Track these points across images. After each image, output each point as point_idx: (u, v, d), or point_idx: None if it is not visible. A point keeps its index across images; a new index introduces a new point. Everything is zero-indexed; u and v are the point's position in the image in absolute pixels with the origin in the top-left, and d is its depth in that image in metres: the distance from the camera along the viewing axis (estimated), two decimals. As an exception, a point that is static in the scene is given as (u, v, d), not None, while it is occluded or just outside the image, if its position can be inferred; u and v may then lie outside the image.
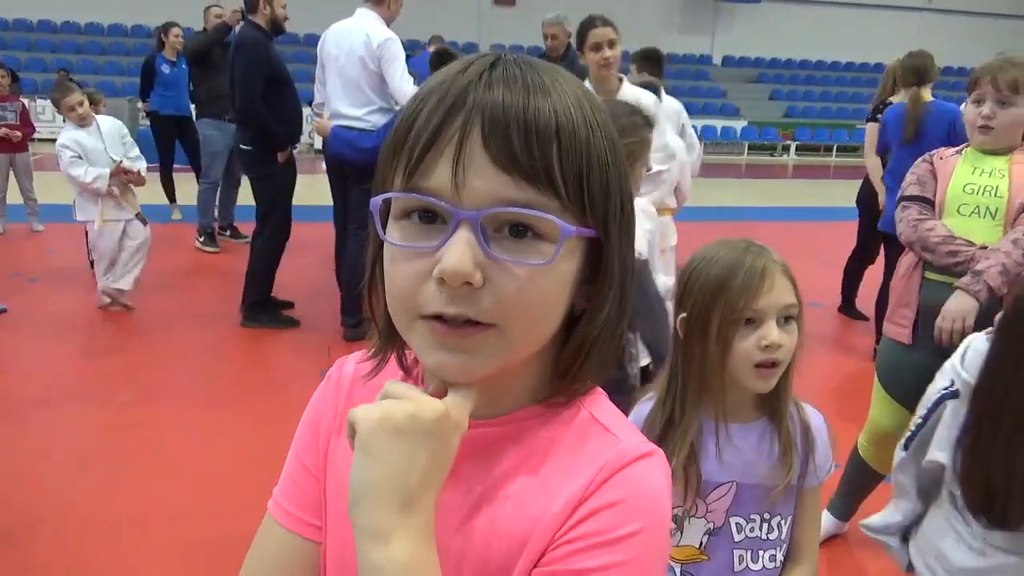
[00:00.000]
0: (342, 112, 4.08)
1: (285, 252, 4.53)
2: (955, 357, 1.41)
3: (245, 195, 5.03)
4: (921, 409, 1.45)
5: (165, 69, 6.58)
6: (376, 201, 0.57)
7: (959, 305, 2.03)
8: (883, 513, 1.58)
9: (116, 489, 2.70)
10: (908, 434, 1.48)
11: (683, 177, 4.23)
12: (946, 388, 1.38)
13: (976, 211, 2.11)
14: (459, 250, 0.52)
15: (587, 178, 0.55)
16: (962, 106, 2.27)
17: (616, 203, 0.58)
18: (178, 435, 3.02)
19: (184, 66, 6.43)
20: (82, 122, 4.40)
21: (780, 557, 1.28)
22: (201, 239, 6.21)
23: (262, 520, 0.73)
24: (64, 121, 4.48)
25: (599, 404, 0.64)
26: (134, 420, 3.22)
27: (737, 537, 1.26)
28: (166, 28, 6.63)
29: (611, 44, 3.06)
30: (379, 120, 4.05)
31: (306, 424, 0.73)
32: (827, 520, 2.57)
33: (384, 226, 0.58)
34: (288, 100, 4.38)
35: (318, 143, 4.81)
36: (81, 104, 4.37)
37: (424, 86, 0.57)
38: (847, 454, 2.53)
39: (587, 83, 4.13)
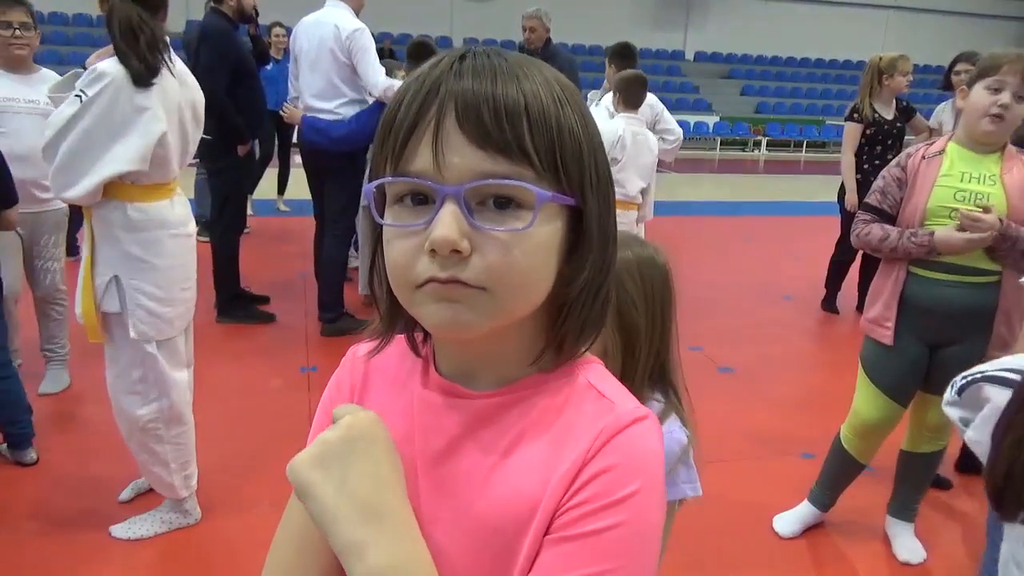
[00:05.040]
0: (314, 106, 4.06)
1: (259, 246, 4.48)
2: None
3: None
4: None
5: (268, 66, 6.38)
6: (368, 188, 0.61)
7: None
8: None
9: (89, 488, 2.66)
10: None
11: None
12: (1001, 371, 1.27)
13: None
14: (446, 221, 0.56)
15: (559, 149, 0.59)
16: (952, 101, 2.19)
17: (591, 172, 0.62)
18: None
19: (288, 64, 6.38)
20: None
21: None
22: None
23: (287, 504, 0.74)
24: None
25: (595, 371, 0.68)
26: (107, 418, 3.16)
27: None
28: (268, 28, 6.69)
29: None
30: (350, 113, 4.02)
31: (325, 412, 0.75)
32: (808, 510, 2.60)
33: (382, 213, 0.63)
34: (252, 92, 4.32)
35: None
36: None
37: (404, 83, 0.62)
38: (827, 445, 2.57)
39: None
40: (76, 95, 2.03)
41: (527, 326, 0.64)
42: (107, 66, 2.05)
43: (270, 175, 6.75)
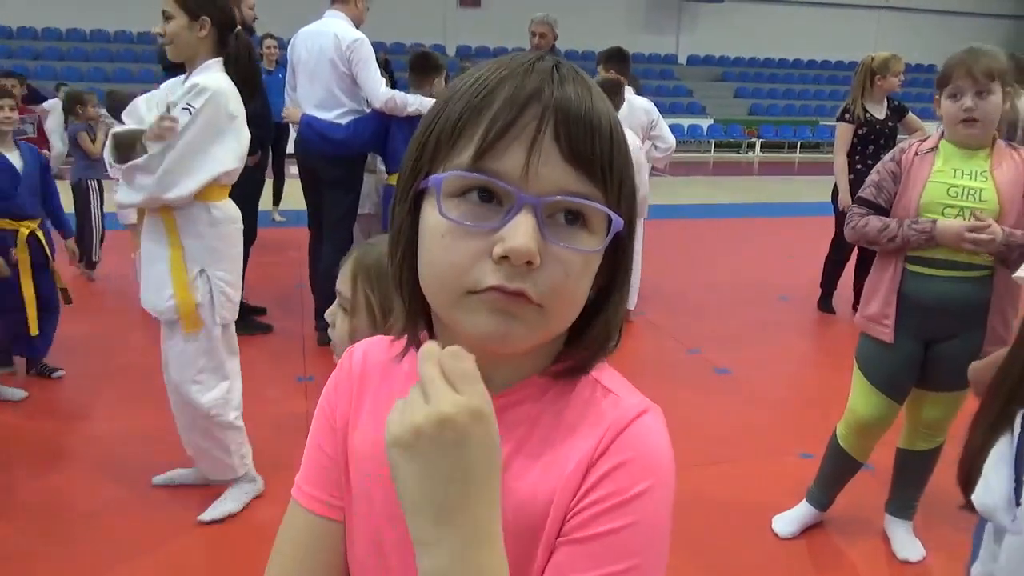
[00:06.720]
0: (313, 116, 4.05)
1: (255, 257, 4.48)
2: None
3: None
4: None
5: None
6: (439, 178, 0.58)
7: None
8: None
9: (97, 497, 2.66)
10: None
11: (640, 176, 4.29)
12: None
13: (961, 213, 2.11)
14: (526, 231, 0.55)
15: (624, 175, 0.60)
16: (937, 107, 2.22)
17: (636, 204, 0.63)
18: (152, 444, 2.97)
19: (280, 76, 6.35)
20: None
21: None
22: None
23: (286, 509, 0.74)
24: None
25: (602, 368, 0.67)
26: (107, 430, 3.16)
27: None
28: (260, 40, 6.88)
29: None
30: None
31: (321, 414, 0.75)
32: (807, 510, 2.61)
33: (417, 199, 0.61)
34: (256, 103, 4.33)
35: (291, 147, 4.83)
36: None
37: (488, 76, 0.59)
38: (825, 444, 2.57)
39: None
40: (184, 108, 2.30)
41: (551, 341, 0.64)
42: (206, 81, 2.33)
43: (265, 185, 6.76)
